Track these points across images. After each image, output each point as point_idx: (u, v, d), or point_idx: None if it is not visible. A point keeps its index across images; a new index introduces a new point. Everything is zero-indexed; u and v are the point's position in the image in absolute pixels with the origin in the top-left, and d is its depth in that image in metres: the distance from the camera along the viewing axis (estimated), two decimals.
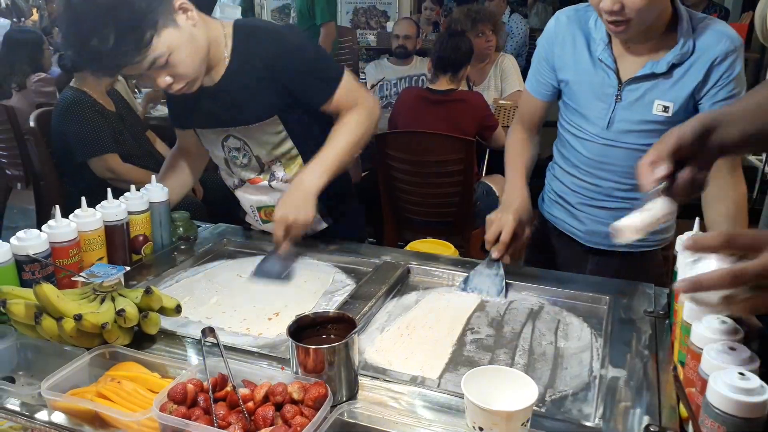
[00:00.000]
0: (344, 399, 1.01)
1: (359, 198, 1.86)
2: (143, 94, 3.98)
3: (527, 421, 0.89)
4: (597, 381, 1.08)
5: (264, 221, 1.68)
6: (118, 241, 1.46)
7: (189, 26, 1.38)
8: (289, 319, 1.05)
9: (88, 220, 1.39)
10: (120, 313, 1.12)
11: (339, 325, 1.06)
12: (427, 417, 0.98)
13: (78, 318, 1.07)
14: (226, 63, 1.49)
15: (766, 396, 0.78)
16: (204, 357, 0.96)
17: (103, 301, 1.16)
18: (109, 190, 1.49)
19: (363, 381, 1.06)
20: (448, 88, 3.05)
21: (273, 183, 1.62)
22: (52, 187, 3.06)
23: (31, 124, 2.97)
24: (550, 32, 1.56)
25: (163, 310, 1.20)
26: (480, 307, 1.35)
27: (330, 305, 1.35)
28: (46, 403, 0.99)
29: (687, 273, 0.81)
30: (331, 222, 1.69)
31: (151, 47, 1.31)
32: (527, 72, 1.68)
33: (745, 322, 0.97)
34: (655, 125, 1.44)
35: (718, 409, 0.79)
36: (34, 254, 1.25)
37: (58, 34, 5.57)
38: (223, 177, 1.73)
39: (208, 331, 0.99)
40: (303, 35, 1.58)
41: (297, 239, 1.47)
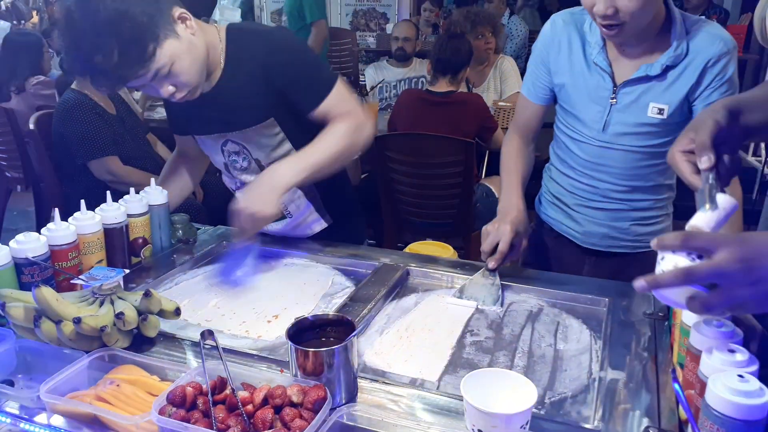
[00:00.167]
0: (343, 402, 1.01)
1: (359, 200, 1.86)
2: (141, 93, 3.98)
3: (526, 424, 0.89)
4: (596, 383, 1.08)
5: None
6: (118, 244, 1.46)
7: (188, 35, 1.39)
8: (289, 322, 1.05)
9: (87, 223, 1.39)
10: (119, 316, 1.12)
11: (338, 328, 1.06)
12: (427, 419, 0.98)
13: (77, 321, 1.07)
14: (222, 67, 1.50)
15: (765, 398, 0.78)
16: (203, 360, 0.96)
17: (102, 304, 1.16)
18: (108, 192, 1.49)
19: (362, 383, 1.06)
20: (448, 90, 3.05)
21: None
22: (51, 189, 3.06)
23: (31, 126, 2.97)
24: (546, 36, 1.56)
25: (162, 313, 1.20)
26: (479, 310, 1.35)
27: (329, 308, 1.35)
28: (46, 406, 0.98)
29: (655, 270, 0.83)
30: (330, 221, 1.69)
31: (154, 59, 1.32)
32: None
33: (744, 324, 0.97)
34: (650, 127, 1.44)
35: (717, 411, 0.79)
36: (33, 257, 1.25)
37: (57, 36, 5.58)
38: (224, 180, 1.73)
39: (207, 334, 0.99)
40: (296, 38, 1.56)
41: (253, 231, 1.43)
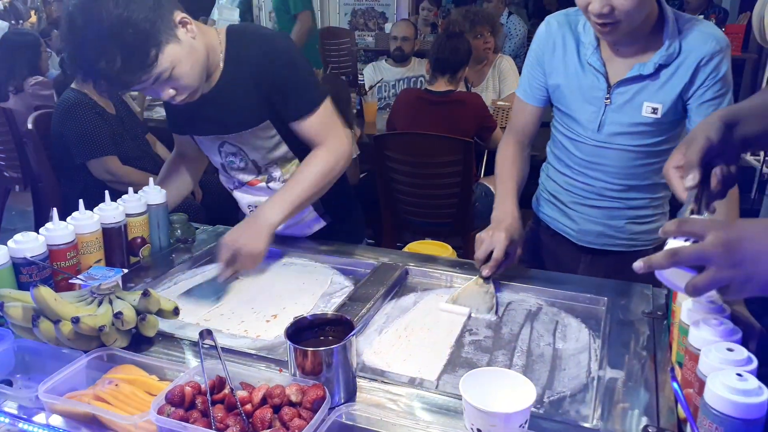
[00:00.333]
0: (342, 401, 1.01)
1: (357, 199, 1.86)
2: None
3: (525, 423, 0.89)
4: (595, 382, 1.08)
5: None
6: (116, 244, 1.46)
7: (189, 39, 1.39)
8: (287, 321, 1.05)
9: (85, 222, 1.38)
10: (118, 315, 1.12)
11: (337, 327, 1.06)
12: (426, 419, 0.98)
13: (75, 321, 1.07)
14: (221, 69, 1.50)
15: (764, 397, 0.78)
16: (202, 359, 0.96)
17: (100, 303, 1.16)
18: (106, 192, 1.49)
19: (361, 383, 1.06)
20: (447, 89, 3.05)
21: (271, 184, 1.62)
22: (50, 189, 3.06)
23: (29, 126, 2.96)
24: (542, 36, 1.55)
25: (160, 313, 1.20)
26: (473, 318, 1.32)
27: (328, 307, 1.35)
28: (44, 406, 0.98)
29: None
30: (329, 220, 1.69)
31: (156, 64, 1.32)
32: None
33: (743, 322, 0.97)
34: (644, 127, 1.45)
35: (715, 410, 0.79)
36: (31, 257, 1.24)
37: (56, 36, 5.58)
38: (221, 180, 1.73)
39: (206, 334, 0.99)
40: (296, 49, 1.57)
41: (243, 269, 1.43)
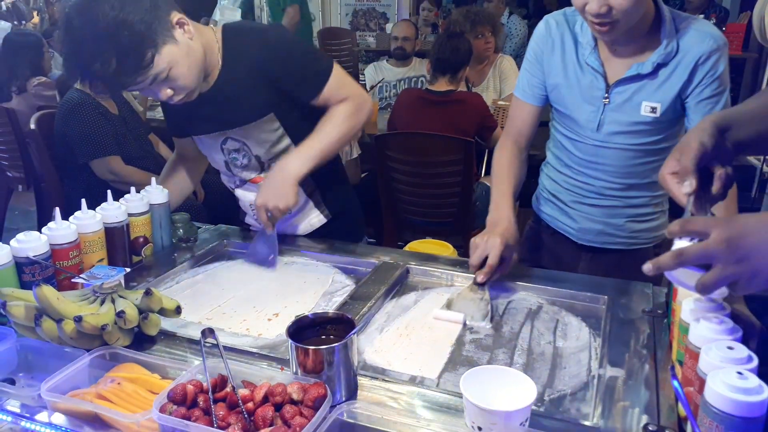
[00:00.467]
0: (343, 399, 1.01)
1: (359, 198, 1.87)
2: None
3: (526, 421, 0.89)
4: (595, 380, 1.08)
5: None
6: (119, 243, 1.47)
7: (186, 40, 1.40)
8: (289, 320, 1.05)
9: (88, 222, 1.39)
10: (120, 314, 1.12)
11: (338, 326, 1.06)
12: (426, 417, 0.98)
13: (78, 319, 1.08)
14: (219, 67, 1.51)
15: (765, 395, 0.78)
16: (204, 358, 0.96)
17: (103, 302, 1.16)
18: (109, 192, 1.49)
19: (362, 381, 1.06)
20: (447, 89, 3.05)
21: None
22: (52, 189, 3.07)
23: (32, 126, 2.97)
24: (541, 36, 1.55)
25: (163, 312, 1.21)
26: (467, 326, 1.30)
27: (329, 306, 1.36)
28: (47, 404, 0.99)
29: None
30: (330, 216, 1.70)
31: (153, 66, 1.32)
32: None
33: (743, 321, 0.97)
34: (643, 126, 1.45)
35: (716, 408, 0.79)
36: (34, 256, 1.25)
37: (57, 42, 5.58)
38: (222, 179, 1.73)
39: (208, 332, 0.99)
40: (290, 33, 1.59)
41: (278, 219, 1.52)
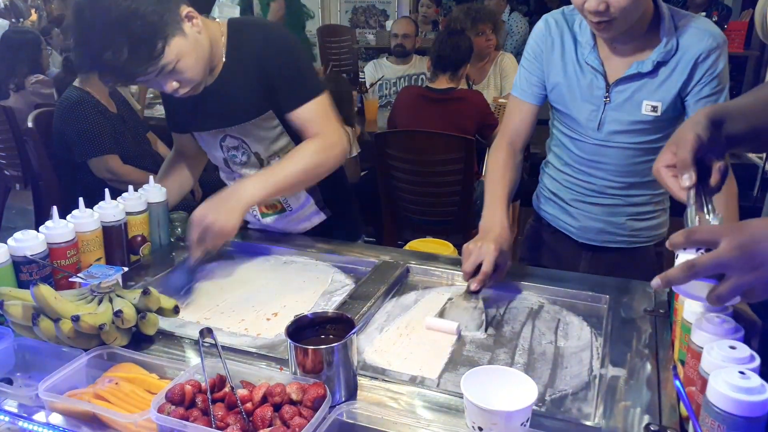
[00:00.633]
0: (343, 399, 1.00)
1: (359, 197, 1.86)
2: (137, 89, 3.98)
3: (527, 421, 0.89)
4: (597, 380, 1.08)
5: (263, 215, 1.69)
6: (116, 242, 1.46)
7: (194, 33, 1.39)
8: (288, 320, 1.05)
9: (85, 220, 1.38)
10: (118, 314, 1.12)
11: (338, 326, 1.05)
12: (427, 417, 0.98)
13: (76, 319, 1.07)
14: (223, 62, 1.50)
15: (767, 395, 0.78)
16: (202, 358, 0.95)
17: (100, 302, 1.15)
18: (106, 190, 1.49)
19: (362, 381, 1.06)
20: (448, 86, 3.05)
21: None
22: (50, 187, 3.06)
23: (29, 124, 2.97)
24: (541, 35, 1.54)
25: (161, 311, 1.20)
26: (461, 336, 1.26)
27: (329, 305, 1.35)
28: (44, 404, 0.98)
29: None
30: (329, 214, 1.69)
31: (162, 57, 1.32)
32: None
33: (745, 320, 0.97)
34: (644, 124, 1.44)
35: (718, 408, 0.79)
36: (31, 255, 1.24)
37: (57, 34, 5.56)
38: (221, 176, 1.73)
39: (206, 332, 0.98)
40: (295, 39, 1.58)
41: (211, 248, 1.40)
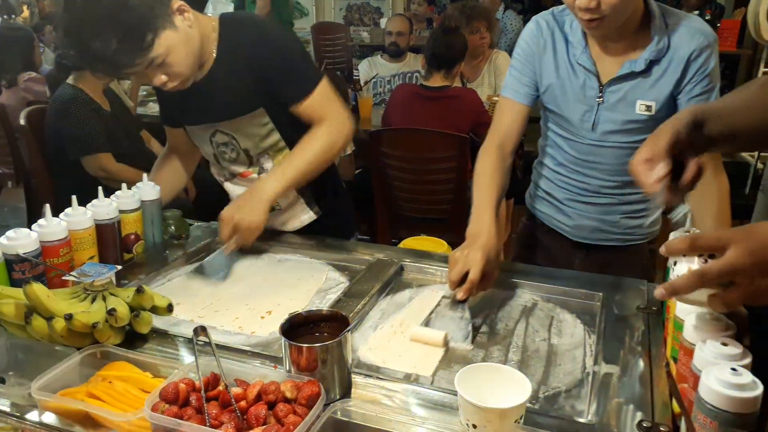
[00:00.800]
0: (337, 397, 1.00)
1: (353, 195, 1.86)
2: (130, 85, 3.96)
3: (521, 418, 0.89)
4: (590, 377, 1.08)
5: None
6: (110, 240, 1.45)
7: (185, 27, 1.39)
8: (282, 318, 1.04)
9: (78, 218, 1.37)
10: (111, 312, 1.11)
11: (332, 323, 1.05)
12: (421, 414, 0.98)
13: (69, 317, 1.07)
14: (214, 57, 1.50)
15: (758, 391, 0.78)
16: (196, 356, 0.95)
17: (94, 300, 1.15)
18: (100, 188, 1.48)
19: (356, 379, 1.06)
20: (442, 84, 3.04)
21: (263, 175, 1.61)
22: (43, 185, 3.04)
23: (22, 122, 2.95)
24: (532, 36, 1.52)
25: (154, 309, 1.20)
26: (449, 348, 1.22)
27: (323, 303, 1.35)
28: (37, 403, 0.98)
29: (669, 276, 0.86)
30: (320, 212, 1.69)
31: (152, 49, 1.31)
32: None
33: (735, 315, 0.97)
34: (638, 124, 1.44)
35: (710, 404, 0.79)
36: (24, 253, 1.24)
37: (49, 31, 5.53)
38: (213, 172, 1.73)
39: (200, 330, 0.98)
40: (288, 31, 1.58)
41: (244, 243, 1.46)
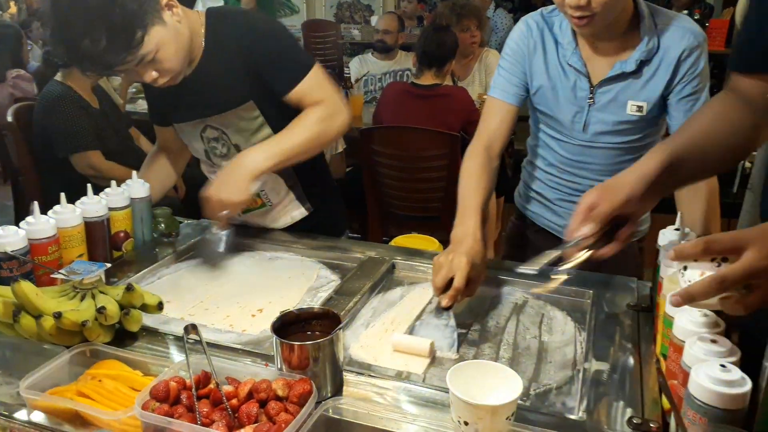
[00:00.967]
0: (329, 395, 1.00)
1: (344, 193, 1.86)
2: (120, 82, 3.92)
3: (512, 415, 0.89)
4: (581, 374, 1.09)
5: (244, 211, 1.67)
6: (99, 238, 1.44)
7: (174, 22, 1.38)
8: (273, 316, 1.04)
9: (67, 216, 1.36)
10: (101, 310, 1.10)
11: (323, 321, 1.05)
12: (413, 412, 0.98)
13: (57, 316, 1.06)
14: (202, 51, 1.49)
15: (747, 388, 0.79)
16: (187, 354, 0.95)
17: (83, 298, 1.14)
18: (89, 185, 1.47)
19: (348, 377, 1.06)
20: (433, 83, 3.05)
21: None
22: (31, 182, 3.01)
23: (9, 119, 2.92)
24: (522, 37, 1.52)
25: (144, 307, 1.19)
26: (435, 357, 1.20)
27: (314, 301, 1.35)
28: (26, 402, 0.97)
29: (679, 281, 0.84)
30: (311, 209, 1.69)
31: (141, 46, 1.30)
32: None
33: (725, 312, 0.98)
34: (629, 124, 1.45)
35: (699, 400, 0.80)
36: (12, 251, 1.22)
37: (37, 28, 5.48)
38: (203, 170, 1.72)
39: (191, 328, 0.98)
40: (275, 21, 1.57)
41: (230, 218, 1.45)
